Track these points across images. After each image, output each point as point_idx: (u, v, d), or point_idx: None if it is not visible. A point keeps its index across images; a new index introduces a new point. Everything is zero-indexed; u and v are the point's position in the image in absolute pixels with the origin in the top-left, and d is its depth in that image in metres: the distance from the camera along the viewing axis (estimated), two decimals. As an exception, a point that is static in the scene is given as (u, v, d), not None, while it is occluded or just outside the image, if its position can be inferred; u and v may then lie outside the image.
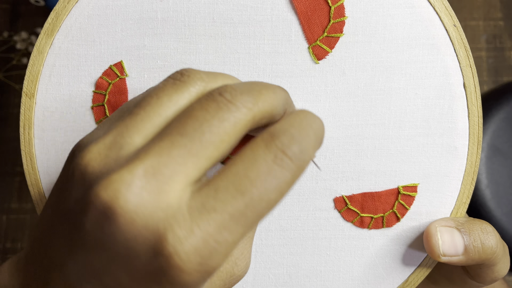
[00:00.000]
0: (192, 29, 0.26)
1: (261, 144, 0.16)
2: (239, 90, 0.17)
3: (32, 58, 0.26)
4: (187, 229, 0.15)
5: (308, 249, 0.27)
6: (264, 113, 0.17)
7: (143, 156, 0.16)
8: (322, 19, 0.25)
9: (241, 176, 0.16)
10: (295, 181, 0.16)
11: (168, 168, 0.16)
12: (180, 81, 0.18)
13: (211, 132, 0.16)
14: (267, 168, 0.16)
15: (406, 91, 0.26)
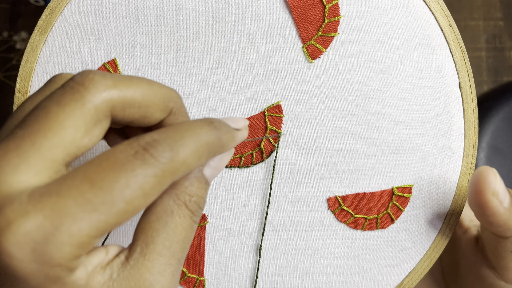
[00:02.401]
0: (186, 27, 0.25)
1: (122, 144, 0.16)
2: (92, 74, 0.16)
3: (26, 55, 0.26)
4: (20, 211, 0.14)
5: (301, 250, 0.27)
6: (127, 99, 0.17)
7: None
8: (317, 18, 0.25)
9: (95, 165, 0.15)
10: (159, 180, 0.15)
11: (6, 160, 0.15)
12: (46, 84, 0.18)
13: (49, 119, 0.16)
14: (124, 159, 0.15)
15: (401, 91, 0.26)
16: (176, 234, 0.17)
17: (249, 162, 0.26)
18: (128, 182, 0.15)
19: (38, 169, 0.15)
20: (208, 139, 0.17)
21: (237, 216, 0.27)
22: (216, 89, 0.26)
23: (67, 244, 0.14)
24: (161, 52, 0.26)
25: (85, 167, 0.15)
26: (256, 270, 0.27)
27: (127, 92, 0.17)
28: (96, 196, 0.14)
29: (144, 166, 0.15)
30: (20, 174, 0.15)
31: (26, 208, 0.14)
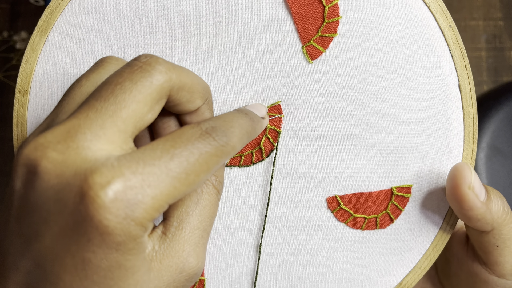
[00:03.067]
0: (186, 28, 0.25)
1: (189, 126, 0.18)
2: (156, 57, 0.18)
3: (26, 55, 0.26)
4: (114, 173, 0.16)
5: (301, 249, 0.27)
6: (182, 82, 0.19)
7: (64, 122, 0.17)
8: (316, 19, 0.25)
9: (171, 140, 0.17)
10: (218, 159, 0.18)
11: (88, 128, 0.17)
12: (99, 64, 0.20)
13: (124, 93, 0.17)
14: (194, 138, 0.18)
15: (400, 92, 0.26)
16: (206, 210, 0.20)
17: (249, 161, 0.26)
18: (197, 155, 0.17)
19: (113, 138, 0.17)
20: (247, 128, 0.21)
21: (237, 215, 0.27)
22: (216, 89, 0.26)
23: (150, 206, 0.16)
24: (161, 53, 0.26)
25: (163, 142, 0.17)
26: (256, 269, 0.27)
27: (182, 76, 0.19)
28: (176, 167, 0.17)
29: (208, 146, 0.18)
30: (102, 143, 0.17)
31: (121, 170, 0.16)
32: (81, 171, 0.16)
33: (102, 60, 0.20)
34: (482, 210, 0.23)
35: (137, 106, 0.17)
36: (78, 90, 0.19)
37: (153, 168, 0.16)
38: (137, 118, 0.18)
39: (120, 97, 0.17)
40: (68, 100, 0.19)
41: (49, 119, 0.19)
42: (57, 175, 0.16)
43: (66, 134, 0.16)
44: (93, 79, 0.20)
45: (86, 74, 0.20)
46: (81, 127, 0.17)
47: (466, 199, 0.23)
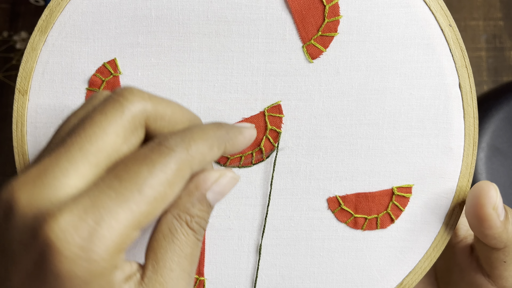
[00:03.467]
0: (186, 27, 0.25)
1: (143, 146, 0.18)
2: (131, 88, 0.18)
3: (26, 55, 0.26)
4: (67, 208, 0.15)
5: (301, 250, 0.27)
6: (159, 112, 0.18)
7: (37, 161, 0.17)
8: (317, 18, 0.25)
9: (121, 164, 0.17)
10: (178, 168, 0.17)
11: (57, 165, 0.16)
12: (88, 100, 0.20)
13: (94, 126, 0.17)
14: (144, 155, 0.17)
15: (401, 91, 0.26)
16: (183, 250, 0.19)
17: (249, 162, 0.26)
18: (150, 170, 0.17)
19: (84, 172, 0.17)
20: (215, 132, 0.19)
21: (237, 216, 0.27)
22: (216, 89, 0.26)
23: (108, 237, 0.16)
24: (161, 52, 0.26)
25: (113, 167, 0.17)
26: (256, 269, 0.27)
27: (159, 106, 0.18)
28: (126, 188, 0.16)
29: (162, 156, 0.17)
30: (69, 178, 0.16)
31: (71, 209, 0.15)
32: (40, 213, 0.16)
33: (92, 96, 0.20)
34: (501, 229, 0.24)
35: (108, 138, 0.17)
36: (65, 127, 0.19)
37: (103, 197, 0.16)
38: (110, 151, 0.17)
39: (89, 130, 0.17)
40: (54, 138, 0.19)
41: (37, 157, 0.19)
42: (22, 216, 0.16)
43: (36, 173, 0.16)
44: (80, 115, 0.19)
45: (75, 111, 0.20)
46: (51, 164, 0.17)
47: (489, 219, 0.23)
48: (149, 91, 0.25)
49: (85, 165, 0.17)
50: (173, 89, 0.26)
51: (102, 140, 0.17)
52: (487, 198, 0.23)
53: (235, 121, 0.26)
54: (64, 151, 0.17)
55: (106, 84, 0.26)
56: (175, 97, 0.26)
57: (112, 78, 0.26)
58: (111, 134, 0.17)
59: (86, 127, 0.17)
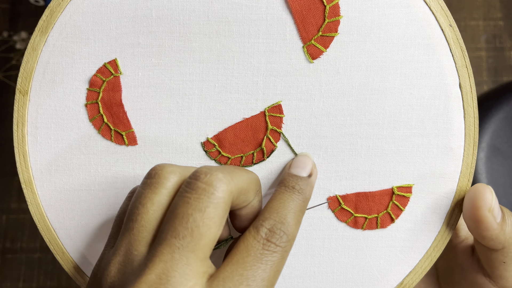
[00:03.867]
0: (186, 28, 0.25)
1: (249, 237, 0.20)
2: (215, 173, 0.19)
3: (26, 55, 0.26)
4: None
5: (302, 249, 0.27)
6: (239, 189, 0.20)
7: (151, 265, 0.18)
8: (317, 18, 0.25)
9: (241, 263, 0.19)
10: (285, 257, 0.20)
11: (176, 270, 0.18)
12: (154, 180, 0.21)
13: (198, 226, 0.18)
14: (260, 254, 0.20)
15: (401, 91, 0.26)
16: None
17: (249, 161, 0.26)
18: (271, 269, 0.20)
19: (198, 270, 0.19)
20: (300, 207, 0.22)
21: (237, 216, 0.27)
22: (216, 89, 0.26)
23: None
24: (161, 52, 0.26)
25: (235, 266, 0.19)
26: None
27: (239, 184, 0.20)
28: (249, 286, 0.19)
29: (273, 255, 0.20)
30: (189, 280, 0.18)
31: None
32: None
33: (157, 174, 0.21)
34: (498, 231, 0.24)
35: (211, 232, 0.19)
36: (145, 217, 0.20)
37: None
38: (213, 242, 0.19)
39: (196, 231, 0.19)
40: (138, 229, 0.20)
41: (124, 249, 0.20)
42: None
43: (158, 281, 0.18)
44: (158, 202, 0.20)
45: (148, 196, 0.20)
46: (170, 270, 0.18)
47: (485, 220, 0.24)
48: (149, 92, 0.25)
49: (198, 263, 0.19)
50: (174, 89, 0.26)
51: (207, 236, 0.19)
52: (483, 200, 0.24)
53: (235, 121, 0.26)
54: (178, 256, 0.18)
55: (106, 84, 0.26)
56: (175, 97, 0.26)
57: (113, 78, 0.26)
58: (212, 228, 0.19)
59: (192, 228, 0.19)
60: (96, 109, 0.26)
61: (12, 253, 0.65)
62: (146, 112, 0.26)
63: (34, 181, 0.26)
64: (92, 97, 0.26)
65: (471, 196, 0.25)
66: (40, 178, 0.26)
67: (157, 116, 0.26)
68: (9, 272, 0.64)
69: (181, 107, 0.26)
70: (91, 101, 0.26)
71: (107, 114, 0.26)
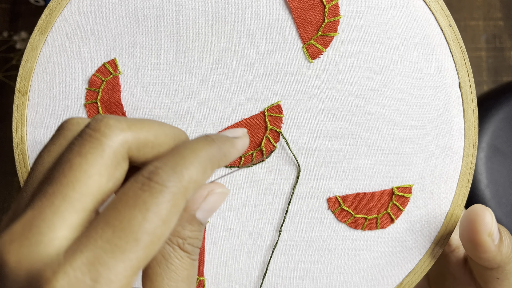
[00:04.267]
0: (186, 27, 0.25)
1: (130, 179, 0.16)
2: (106, 119, 0.17)
3: (26, 55, 0.26)
4: (61, 270, 0.15)
5: (301, 250, 0.27)
6: (141, 140, 0.17)
7: (22, 215, 0.16)
8: (317, 18, 0.25)
9: (111, 209, 0.16)
10: (172, 202, 0.16)
11: (42, 219, 0.16)
12: (58, 132, 0.18)
13: (74, 171, 0.16)
14: (135, 196, 0.16)
15: (401, 91, 0.26)
16: (179, 274, 0.18)
17: (249, 162, 0.26)
18: (144, 215, 0.15)
19: (71, 221, 0.16)
20: (207, 152, 0.18)
21: (237, 216, 0.27)
22: (216, 89, 0.26)
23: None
24: (161, 52, 0.26)
25: (104, 214, 0.16)
26: (265, 269, 0.27)
27: (140, 133, 0.17)
28: (121, 238, 0.15)
29: (153, 196, 0.16)
30: (56, 231, 0.16)
31: (64, 268, 0.15)
32: (36, 275, 0.15)
33: (63, 126, 0.19)
34: (495, 253, 0.24)
35: (91, 181, 0.16)
36: (39, 168, 0.18)
37: (97, 251, 0.15)
38: (95, 192, 0.16)
39: (70, 177, 0.16)
40: (30, 181, 0.18)
41: (16, 204, 0.18)
42: (14, 279, 0.15)
43: (21, 231, 0.16)
44: (54, 152, 0.18)
45: (47, 147, 0.18)
46: (35, 219, 0.16)
47: (484, 245, 0.23)
48: (149, 92, 0.25)
49: (71, 213, 0.16)
50: (173, 89, 0.26)
51: (85, 184, 0.16)
52: (483, 225, 0.23)
53: (234, 121, 0.26)
54: (47, 202, 0.16)
55: (106, 84, 0.26)
56: (175, 97, 0.26)
57: (112, 78, 0.26)
58: (94, 176, 0.16)
59: (66, 173, 0.16)
60: (96, 109, 0.26)
61: (11, 253, 0.65)
62: (145, 112, 0.26)
63: (33, 181, 0.26)
64: (92, 97, 0.26)
65: (470, 219, 0.24)
66: (39, 178, 0.26)
67: (156, 116, 0.26)
68: (9, 272, 0.64)
69: (180, 107, 0.26)
70: (90, 100, 0.26)
71: (107, 113, 0.26)
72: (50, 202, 0.16)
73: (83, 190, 0.16)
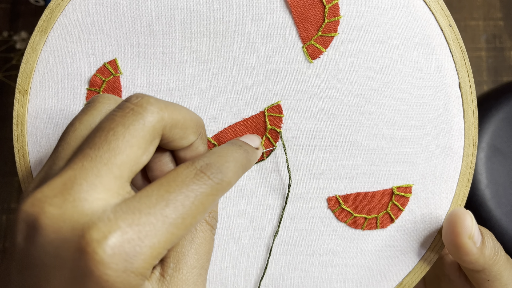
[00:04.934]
0: (186, 28, 0.25)
1: (183, 166, 0.19)
2: (147, 97, 0.18)
3: (26, 55, 0.26)
4: (110, 227, 0.16)
5: (301, 249, 0.27)
6: (174, 120, 0.19)
7: (61, 173, 0.17)
8: (317, 18, 0.25)
9: (166, 185, 0.17)
10: (214, 197, 0.18)
11: (84, 179, 0.17)
12: (89, 105, 0.20)
13: (117, 139, 0.17)
14: (188, 180, 0.18)
15: (401, 91, 0.26)
16: (202, 247, 0.20)
17: (249, 161, 0.26)
18: (194, 199, 0.18)
19: (110, 186, 0.17)
20: (242, 161, 0.21)
21: (237, 215, 0.27)
22: (216, 89, 0.26)
23: (149, 255, 0.16)
24: (161, 52, 0.26)
25: (158, 187, 0.17)
26: (264, 269, 0.27)
27: (174, 114, 0.19)
28: (172, 213, 0.17)
29: (204, 186, 0.18)
30: (98, 192, 0.17)
31: (117, 224, 0.16)
32: (78, 226, 0.16)
33: (94, 99, 0.20)
34: (477, 255, 0.24)
35: (131, 151, 0.18)
36: (72, 135, 0.19)
37: (149, 217, 0.16)
38: (132, 162, 0.18)
39: (113, 144, 0.17)
40: (63, 146, 0.19)
41: (47, 166, 0.19)
42: (55, 230, 0.16)
43: (63, 187, 0.17)
44: (87, 121, 0.19)
45: (79, 117, 0.20)
46: (77, 178, 0.17)
47: (465, 247, 0.24)
48: (149, 92, 0.25)
49: (111, 178, 0.17)
50: (174, 89, 0.26)
51: (126, 153, 0.17)
52: (463, 227, 0.24)
53: (235, 121, 0.26)
54: (88, 164, 0.17)
55: (106, 84, 0.26)
56: (175, 97, 0.26)
57: (113, 78, 0.26)
58: (134, 147, 0.18)
59: (110, 140, 0.17)
60: (96, 109, 0.26)
61: (12, 253, 0.65)
62: (146, 112, 0.26)
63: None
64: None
65: (450, 222, 0.25)
66: (40, 178, 0.26)
67: (157, 116, 0.26)
68: (9, 272, 0.64)
69: (180, 107, 0.26)
70: (91, 101, 0.26)
71: (107, 114, 0.26)
72: (92, 165, 0.17)
73: (123, 158, 0.17)
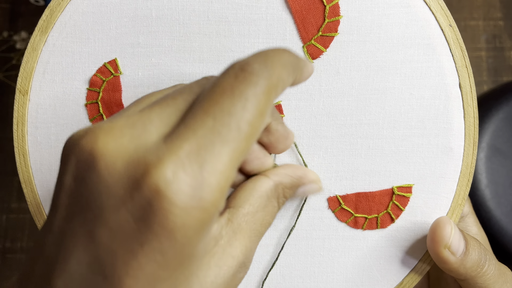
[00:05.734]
0: (186, 27, 0.25)
1: (221, 74, 0.16)
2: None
3: (26, 55, 0.26)
4: (168, 156, 0.14)
5: (302, 249, 0.27)
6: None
7: (121, 111, 0.16)
8: (317, 18, 0.25)
9: (207, 100, 0.15)
10: (267, 97, 0.16)
11: (157, 115, 0.15)
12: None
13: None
14: (231, 86, 0.15)
15: (401, 91, 0.26)
16: (268, 217, 0.19)
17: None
18: (244, 104, 0.15)
19: (168, 111, 0.16)
20: (289, 58, 0.17)
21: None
22: (216, 89, 0.26)
23: (215, 182, 0.14)
24: (161, 52, 0.26)
25: (200, 105, 0.15)
26: (268, 270, 0.27)
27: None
28: (223, 127, 0.15)
29: (250, 86, 0.15)
30: (155, 123, 0.15)
31: (171, 154, 0.14)
32: (142, 162, 0.14)
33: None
34: (456, 265, 0.24)
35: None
36: (147, 98, 0.18)
37: (202, 140, 0.14)
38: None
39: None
40: (134, 103, 0.18)
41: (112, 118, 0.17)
42: (115, 166, 0.14)
43: (122, 123, 0.15)
44: (165, 91, 0.18)
45: (158, 91, 0.19)
46: (145, 113, 0.15)
47: (441, 256, 0.24)
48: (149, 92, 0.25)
49: (169, 103, 0.16)
50: (174, 89, 0.26)
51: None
52: (441, 237, 0.24)
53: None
54: (158, 94, 0.17)
55: (106, 84, 0.26)
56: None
57: (113, 78, 0.26)
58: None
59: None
60: (96, 109, 0.26)
61: (12, 253, 0.65)
62: (146, 112, 0.26)
63: (34, 180, 0.26)
64: (92, 97, 0.26)
65: (431, 229, 0.25)
66: (40, 178, 0.26)
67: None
68: (9, 272, 0.64)
69: (181, 107, 0.26)
70: (91, 101, 0.26)
71: (107, 114, 0.26)
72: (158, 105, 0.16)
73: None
